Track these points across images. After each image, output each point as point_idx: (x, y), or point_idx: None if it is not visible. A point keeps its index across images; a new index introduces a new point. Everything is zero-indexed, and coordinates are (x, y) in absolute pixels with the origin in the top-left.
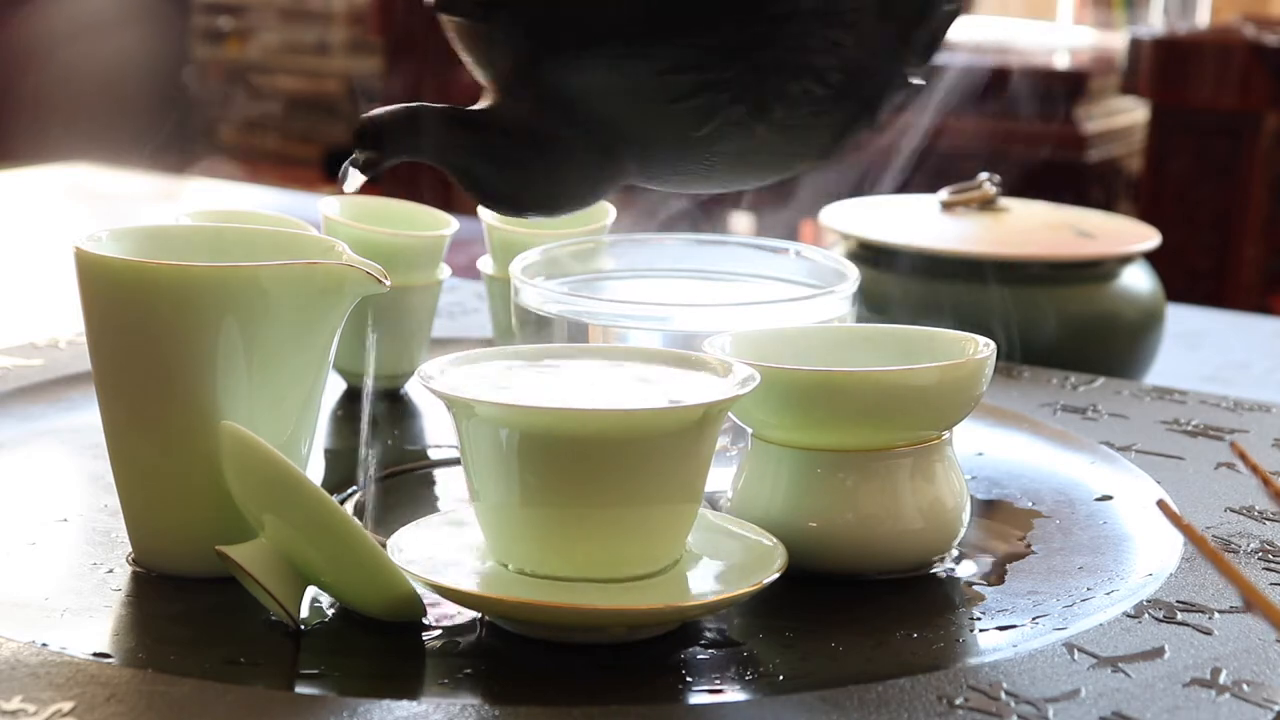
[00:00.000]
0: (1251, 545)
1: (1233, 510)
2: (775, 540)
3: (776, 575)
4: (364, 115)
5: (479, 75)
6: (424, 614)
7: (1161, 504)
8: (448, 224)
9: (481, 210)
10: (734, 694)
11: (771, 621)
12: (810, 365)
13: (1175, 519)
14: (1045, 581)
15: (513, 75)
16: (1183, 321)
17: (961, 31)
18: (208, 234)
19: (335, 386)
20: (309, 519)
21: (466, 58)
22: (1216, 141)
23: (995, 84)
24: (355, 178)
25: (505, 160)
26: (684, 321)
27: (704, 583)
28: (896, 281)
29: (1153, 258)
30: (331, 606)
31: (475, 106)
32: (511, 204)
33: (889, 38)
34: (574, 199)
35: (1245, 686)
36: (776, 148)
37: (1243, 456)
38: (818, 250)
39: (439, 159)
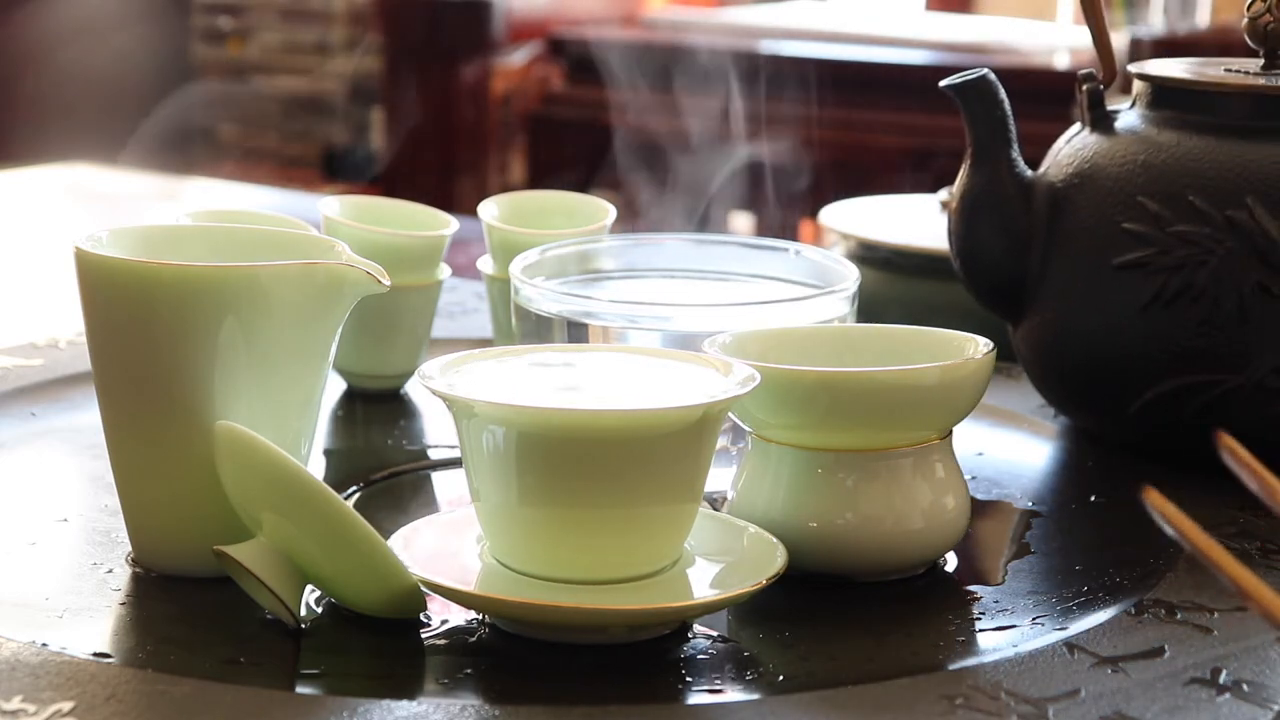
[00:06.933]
0: (1251, 545)
1: (1233, 510)
2: (775, 540)
3: (776, 575)
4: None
5: None
6: (424, 608)
7: (1148, 493)
8: (448, 224)
9: (481, 210)
10: (734, 694)
11: (771, 621)
12: (810, 365)
13: (1161, 508)
14: (1045, 581)
15: None
16: None
17: (958, 30)
18: (208, 234)
19: (335, 386)
20: (311, 512)
21: None
22: None
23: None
24: None
25: None
26: (684, 321)
27: (704, 583)
28: (896, 281)
29: None
30: (327, 605)
31: None
32: None
33: None
34: None
35: (1245, 686)
36: None
37: (1233, 451)
38: (818, 250)
39: None
